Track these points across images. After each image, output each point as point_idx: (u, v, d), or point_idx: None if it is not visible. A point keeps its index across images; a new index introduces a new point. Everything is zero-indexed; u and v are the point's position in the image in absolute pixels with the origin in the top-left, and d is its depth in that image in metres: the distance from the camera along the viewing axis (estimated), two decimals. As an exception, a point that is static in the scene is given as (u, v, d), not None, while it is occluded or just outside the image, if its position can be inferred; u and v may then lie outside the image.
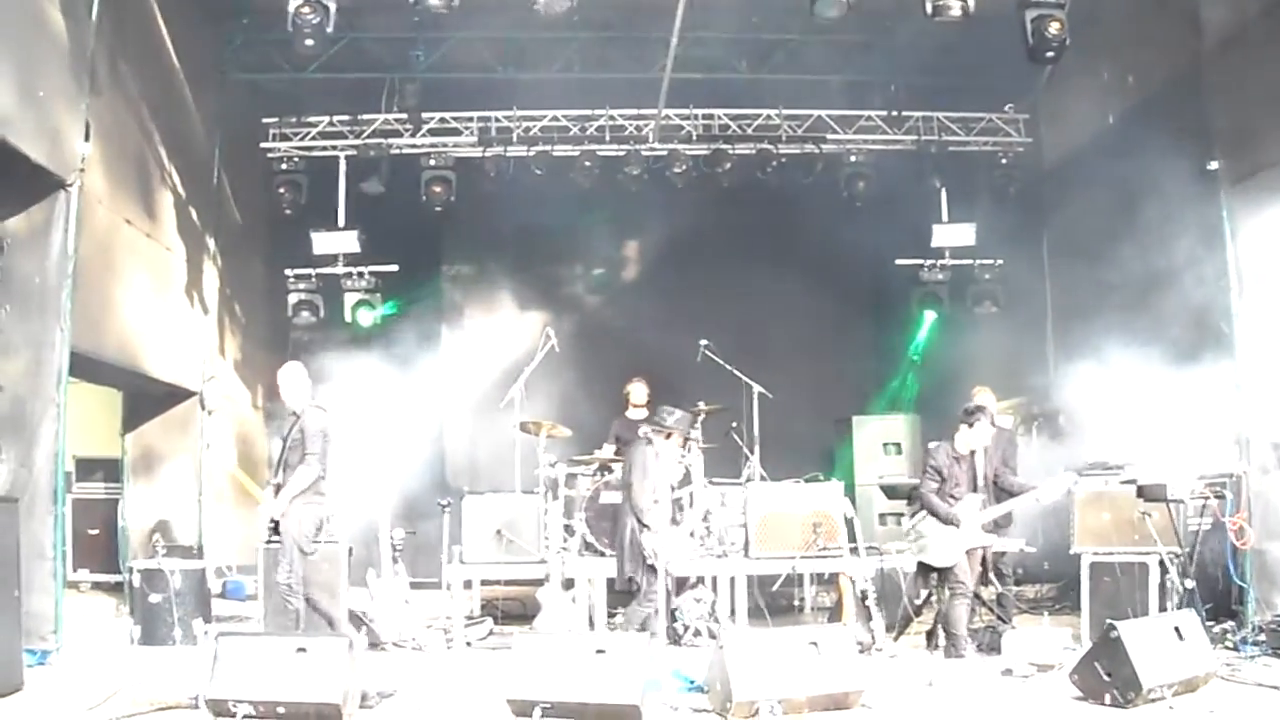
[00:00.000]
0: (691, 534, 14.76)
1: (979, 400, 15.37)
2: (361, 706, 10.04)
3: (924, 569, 13.15)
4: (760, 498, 14.55)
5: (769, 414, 16.21)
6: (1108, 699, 9.88)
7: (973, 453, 13.02)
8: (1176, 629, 10.36)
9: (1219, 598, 12.83)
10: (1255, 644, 12.04)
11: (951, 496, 12.76)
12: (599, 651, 9.77)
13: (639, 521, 13.11)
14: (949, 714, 10.17)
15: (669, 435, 13.50)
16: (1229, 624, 12.57)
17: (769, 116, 20.36)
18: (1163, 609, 12.40)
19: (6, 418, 11.93)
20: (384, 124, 19.97)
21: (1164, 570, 12.64)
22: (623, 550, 13.22)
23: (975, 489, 13.02)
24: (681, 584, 14.31)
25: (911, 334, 21.56)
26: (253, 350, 19.45)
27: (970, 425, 12.84)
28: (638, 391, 16.89)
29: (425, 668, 12.50)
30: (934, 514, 12.72)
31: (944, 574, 12.73)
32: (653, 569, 12.99)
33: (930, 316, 21.01)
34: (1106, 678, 9.94)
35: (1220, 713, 9.69)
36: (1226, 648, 12.16)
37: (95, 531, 17.32)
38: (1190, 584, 12.11)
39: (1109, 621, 10.25)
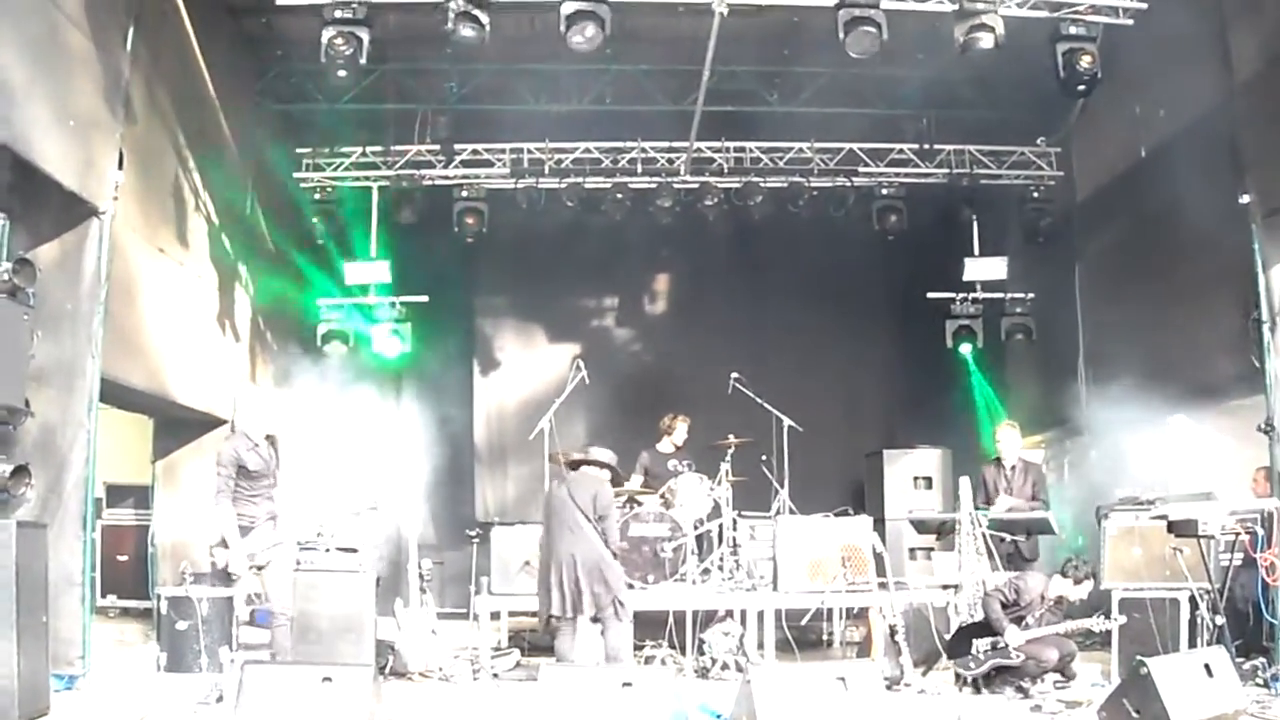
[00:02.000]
0: (721, 568, 14.75)
1: (1003, 436, 15.42)
2: (387, 736, 10.04)
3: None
4: (789, 531, 14.51)
5: (799, 447, 16.20)
6: (1137, 736, 9.83)
7: (1060, 599, 12.81)
8: (1206, 666, 10.31)
9: (1250, 634, 12.77)
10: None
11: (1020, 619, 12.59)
12: (625, 684, 9.75)
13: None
14: (977, 750, 10.14)
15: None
16: (1259, 660, 12.50)
17: (800, 149, 20.32)
18: (1193, 645, 12.34)
19: (37, 444, 11.94)
20: (417, 155, 19.98)
21: (1194, 606, 12.58)
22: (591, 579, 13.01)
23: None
24: (710, 617, 14.29)
25: (965, 376, 21.42)
26: (284, 379, 19.47)
27: (1077, 581, 12.59)
28: (681, 430, 16.83)
29: (452, 698, 12.49)
30: (991, 620, 12.56)
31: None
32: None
33: (965, 350, 20.91)
34: (1136, 715, 9.88)
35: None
36: (1257, 684, 12.09)
37: (124, 558, 17.37)
38: (1221, 620, 12.04)
39: (1138, 658, 10.20)
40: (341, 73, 14.63)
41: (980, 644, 12.31)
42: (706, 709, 11.08)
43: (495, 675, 13.89)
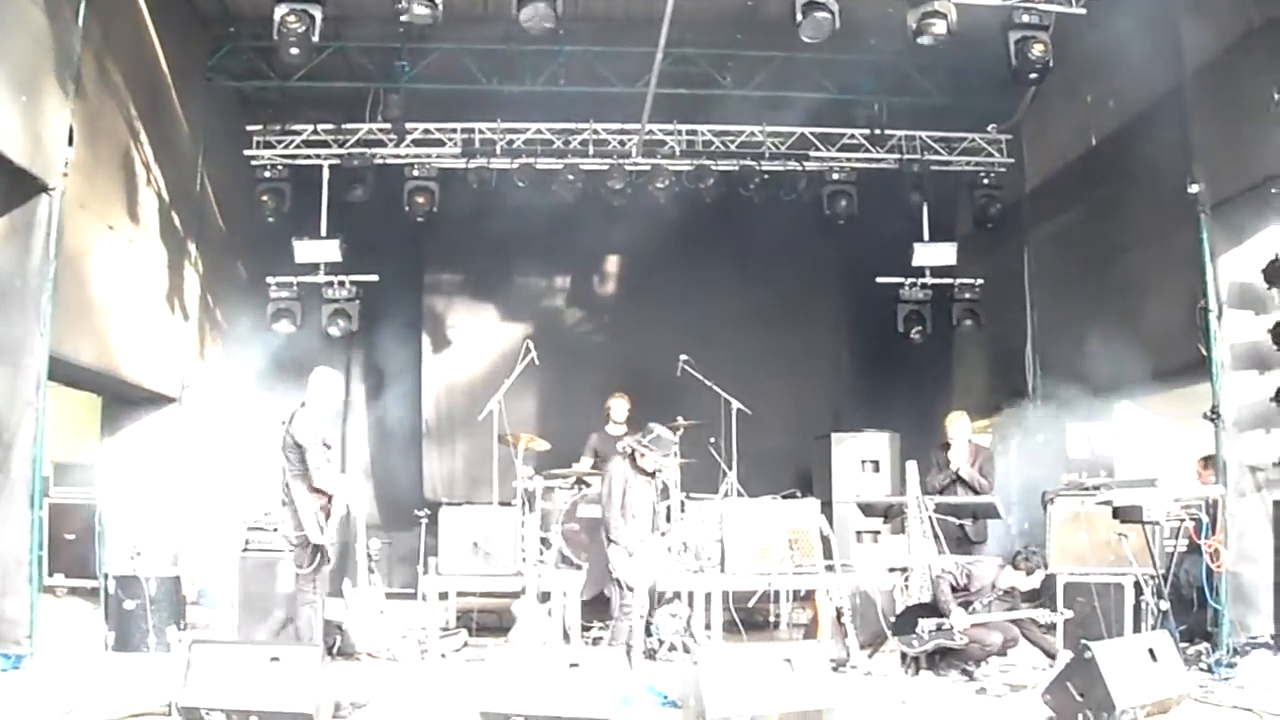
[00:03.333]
0: (684, 547, 14.77)
1: (953, 424, 15.52)
2: (334, 716, 10.03)
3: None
4: (737, 514, 14.54)
5: (747, 430, 16.20)
6: (1080, 719, 9.90)
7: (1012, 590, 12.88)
8: (1150, 650, 10.39)
9: (1194, 620, 12.87)
10: (1229, 666, 12.07)
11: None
12: (573, 665, 9.78)
13: (606, 535, 13.14)
14: (922, 732, 10.20)
15: (645, 454, 13.46)
16: (1203, 646, 12.60)
17: (752, 133, 20.36)
18: (1137, 630, 12.45)
19: (-17, 421, 11.91)
20: (368, 133, 19.92)
21: (1139, 592, 12.67)
22: (594, 564, 13.26)
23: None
24: (657, 599, 14.32)
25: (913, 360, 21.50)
26: (232, 357, 19.40)
27: (1029, 572, 12.62)
28: (618, 407, 16.93)
29: (399, 678, 12.49)
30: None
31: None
32: (618, 583, 13.01)
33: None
34: (1080, 698, 9.95)
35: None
36: (1201, 669, 12.19)
37: (72, 536, 17.27)
38: (1165, 605, 12.13)
39: (1083, 642, 10.27)
40: (294, 50, 14.55)
41: (926, 624, 12.37)
42: (654, 690, 11.13)
43: (443, 655, 13.89)
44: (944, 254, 20.62)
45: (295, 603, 12.09)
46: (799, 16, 14.15)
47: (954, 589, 12.51)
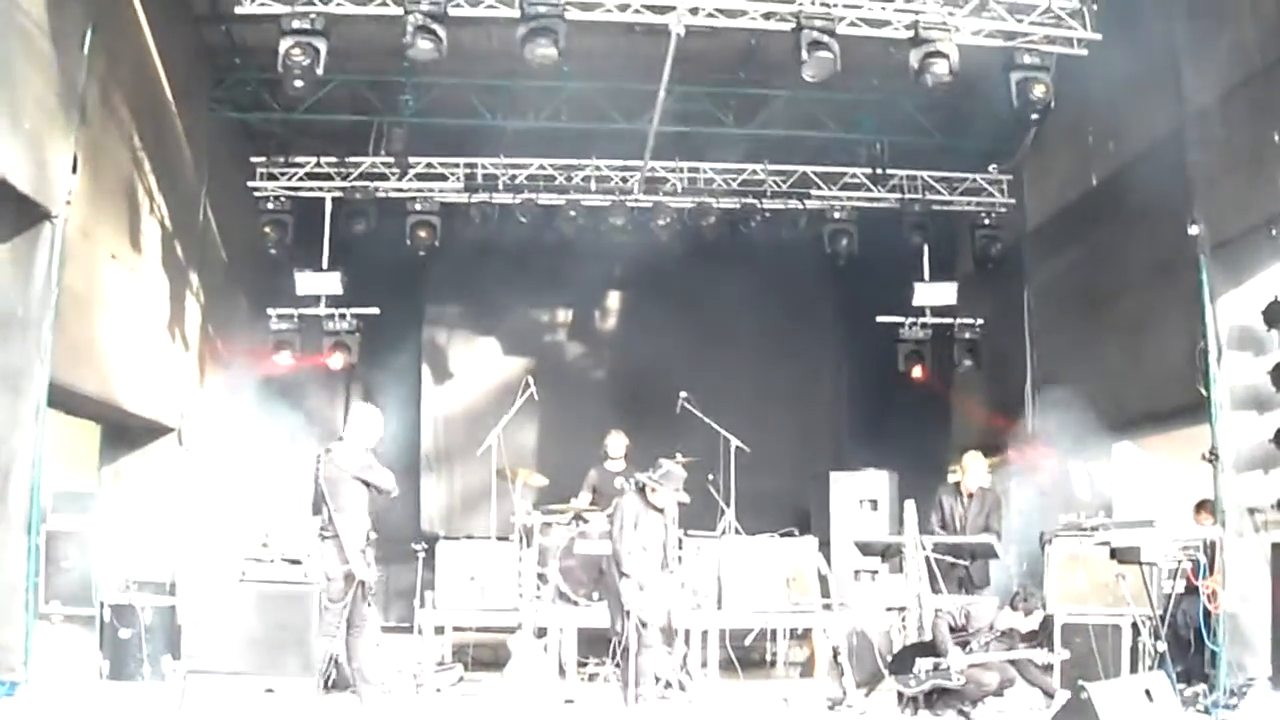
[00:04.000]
0: (681, 585, 14.77)
1: (969, 464, 15.51)
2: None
3: None
4: (735, 551, 14.52)
5: (746, 468, 16.16)
6: (1076, 760, 9.88)
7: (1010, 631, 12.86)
8: (1147, 691, 10.37)
9: (1191, 661, 12.84)
10: (1227, 708, 12.04)
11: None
12: (568, 701, 9.79)
13: (618, 570, 13.10)
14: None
15: (656, 489, 13.46)
16: (1201, 687, 12.56)
17: (754, 171, 20.41)
18: (1135, 671, 12.43)
19: (-18, 448, 11.90)
20: (371, 167, 19.97)
21: (1136, 633, 12.67)
22: (609, 600, 13.23)
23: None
24: (673, 634, 14.28)
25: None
26: (232, 387, 19.38)
27: (1027, 613, 12.58)
28: (616, 443, 16.92)
29: (394, 712, 12.46)
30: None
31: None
32: (628, 615, 12.97)
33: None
34: (1075, 739, 9.94)
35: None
36: (1198, 711, 12.16)
37: (69, 564, 17.23)
38: (1163, 647, 12.12)
39: (1079, 682, 10.25)
40: (298, 83, 14.57)
41: (923, 664, 12.34)
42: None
43: (438, 690, 13.85)
44: (944, 293, 20.67)
45: (349, 641, 12.27)
46: (804, 55, 14.18)
47: (952, 629, 12.47)
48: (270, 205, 19.69)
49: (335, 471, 12.11)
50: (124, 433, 16.91)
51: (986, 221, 20.47)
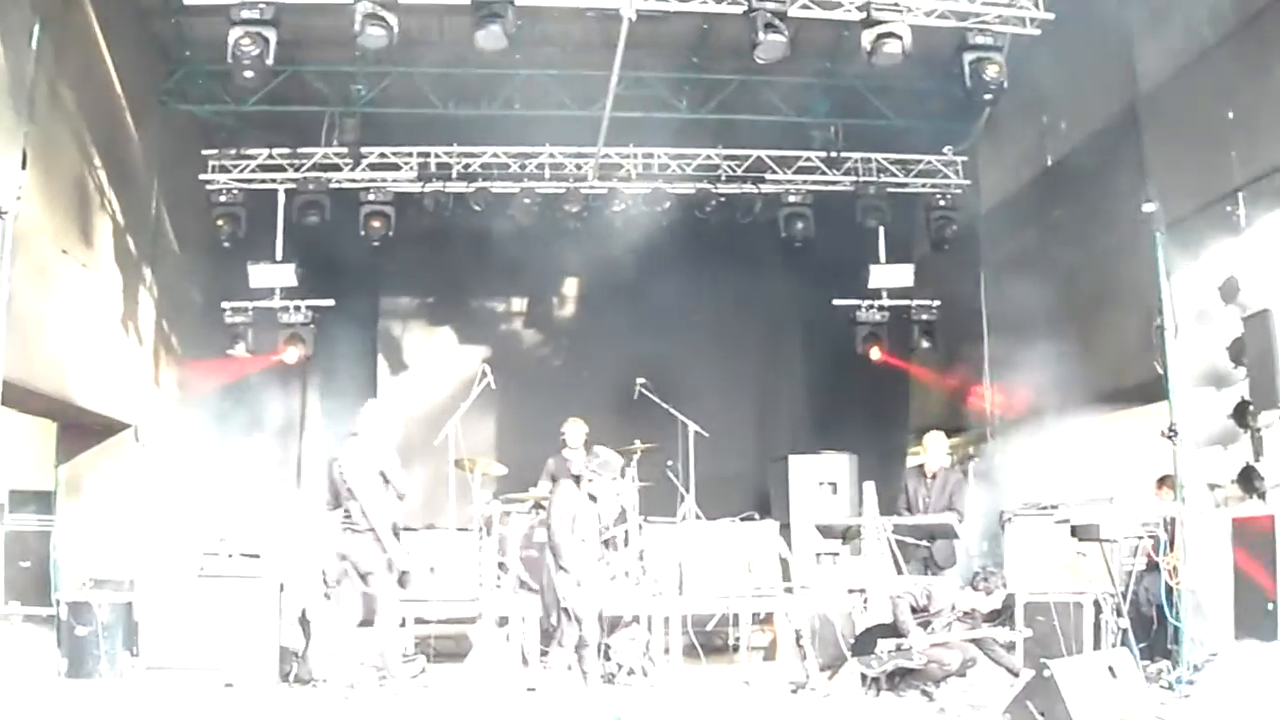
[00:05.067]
0: (627, 574, 14.73)
1: (929, 443, 15.50)
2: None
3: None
4: (695, 537, 14.50)
5: (705, 453, 16.14)
6: (1041, 738, 9.89)
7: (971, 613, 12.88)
8: (1110, 668, 10.40)
9: (1154, 638, 12.87)
10: (1189, 683, 12.06)
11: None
12: (530, 690, 9.75)
13: (556, 563, 13.03)
14: (882, 753, 10.18)
15: (594, 478, 13.42)
16: (1164, 664, 12.59)
17: (708, 156, 20.39)
18: (1098, 649, 12.44)
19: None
20: (323, 158, 19.84)
21: (1098, 610, 12.69)
22: (544, 590, 13.14)
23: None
24: (615, 623, 14.25)
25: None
26: (187, 382, 19.28)
27: (989, 593, 12.64)
28: (574, 431, 16.85)
29: (357, 706, 12.40)
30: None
31: None
32: (568, 613, 12.92)
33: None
34: (1040, 716, 9.95)
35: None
36: (1161, 687, 12.18)
37: (27, 564, 17.13)
38: (1125, 623, 12.15)
39: (1042, 660, 10.27)
40: (248, 74, 14.51)
41: (885, 644, 12.34)
42: (614, 715, 11.07)
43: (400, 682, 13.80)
44: (901, 275, 20.70)
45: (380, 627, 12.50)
46: (757, 38, 14.16)
47: (914, 609, 12.47)
48: (223, 198, 19.54)
49: (357, 467, 12.15)
50: (80, 430, 16.80)
51: (942, 203, 20.47)
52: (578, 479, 13.38)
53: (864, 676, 12.62)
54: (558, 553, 12.91)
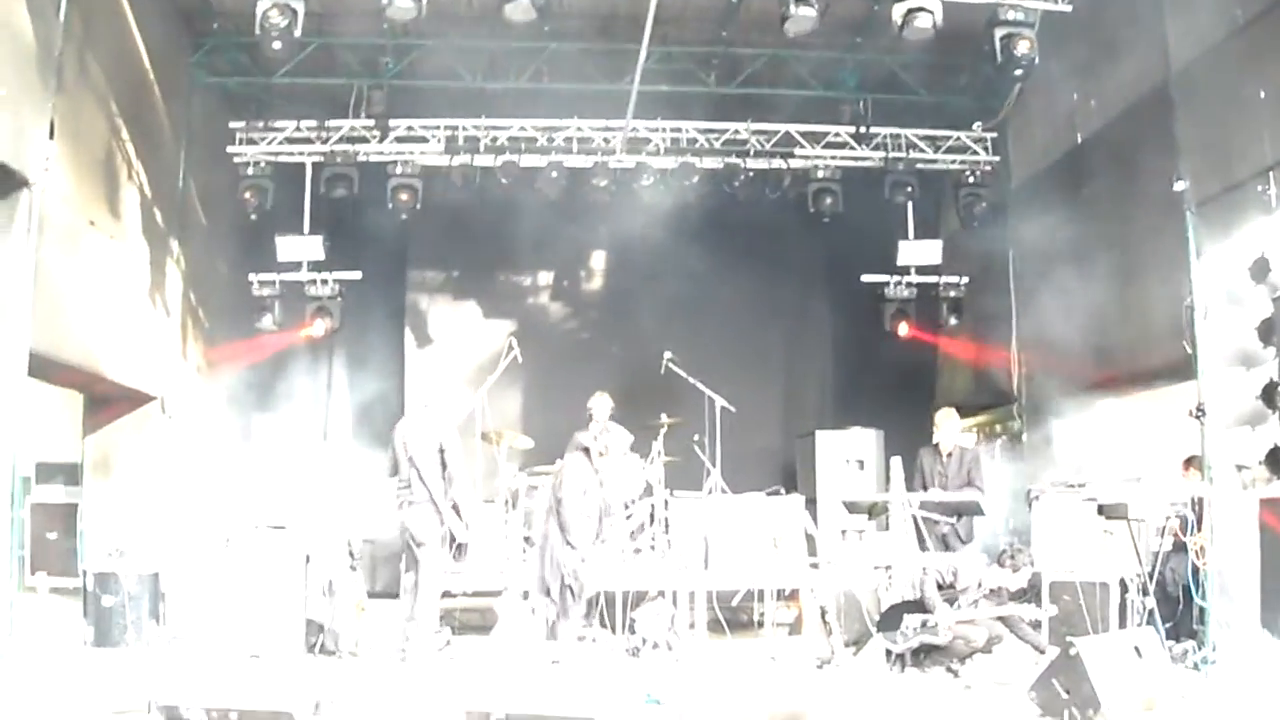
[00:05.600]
0: (653, 547, 14.75)
1: (941, 421, 15.45)
2: (315, 715, 9.97)
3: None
4: (721, 511, 14.48)
5: (732, 427, 16.14)
6: (1066, 716, 9.89)
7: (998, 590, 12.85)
8: (1136, 647, 10.39)
9: (1180, 618, 12.84)
10: (1214, 664, 12.03)
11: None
12: (555, 662, 9.75)
13: (564, 536, 13.02)
14: (907, 730, 10.17)
15: (604, 452, 13.44)
16: (1189, 644, 12.56)
17: (736, 130, 20.30)
18: (1124, 628, 12.41)
19: (-39, 419, 11.84)
20: (351, 130, 19.78)
21: (1124, 590, 12.66)
22: (543, 561, 13.11)
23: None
24: (641, 597, 14.26)
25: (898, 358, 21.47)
26: (215, 355, 19.31)
27: (1015, 569, 12.63)
28: (600, 405, 16.80)
29: (381, 677, 12.42)
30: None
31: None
32: (570, 590, 12.94)
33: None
34: (1065, 695, 9.94)
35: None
36: (1187, 668, 12.16)
37: (54, 535, 17.20)
38: (1151, 603, 12.12)
39: (1068, 639, 10.25)
40: (276, 45, 14.52)
41: (910, 620, 12.32)
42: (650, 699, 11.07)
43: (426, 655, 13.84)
44: (929, 252, 20.61)
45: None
46: (790, 10, 14.13)
47: (940, 586, 12.47)
48: (250, 170, 19.48)
49: (420, 438, 12.36)
50: (106, 402, 16.82)
51: (971, 179, 20.37)
52: (588, 451, 13.40)
53: (889, 652, 12.60)
54: (565, 528, 12.94)
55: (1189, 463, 14.33)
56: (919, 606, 12.45)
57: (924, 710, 10.96)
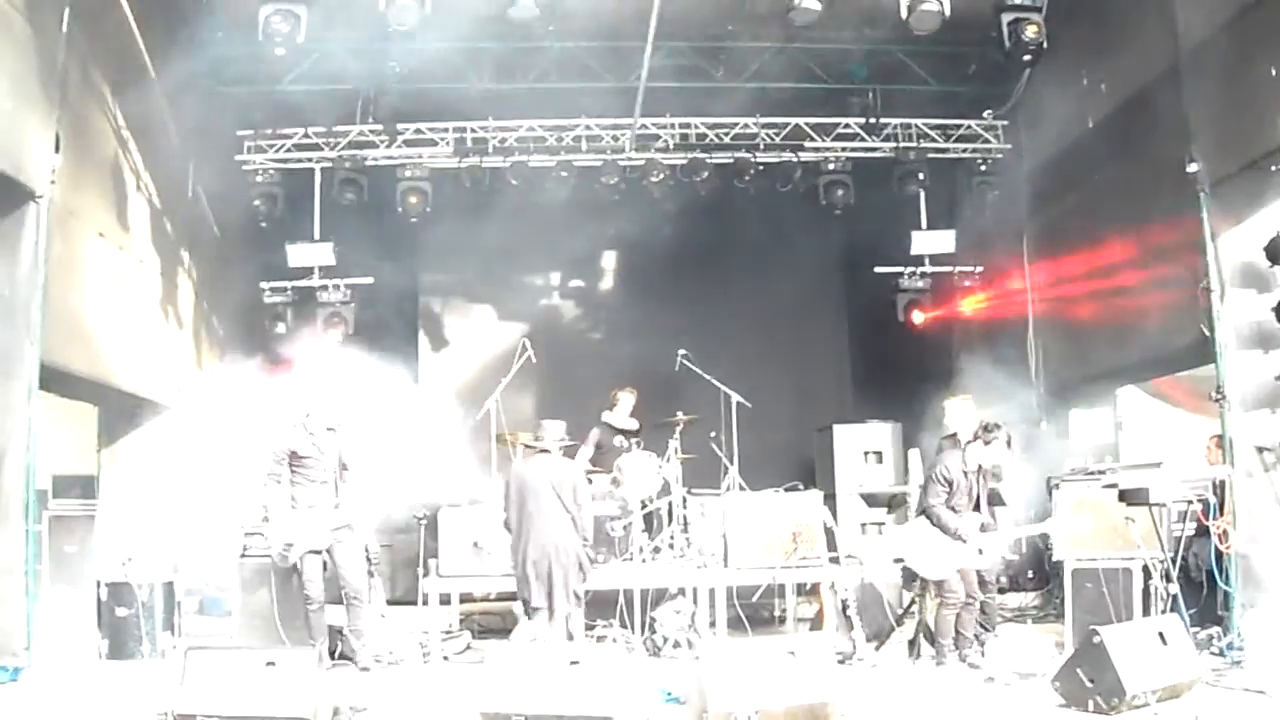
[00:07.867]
0: (672, 545, 14.73)
1: (955, 408, 15.29)
2: (333, 720, 9.95)
3: (910, 575, 13.08)
4: (739, 508, 14.42)
5: (748, 423, 16.11)
6: (1091, 705, 9.84)
7: (980, 468, 12.86)
8: (1160, 634, 10.31)
9: (1204, 604, 12.76)
10: (1240, 649, 11.94)
11: (953, 509, 12.63)
12: (573, 663, 9.68)
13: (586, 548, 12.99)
14: (930, 723, 10.11)
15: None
16: (1214, 629, 12.50)
17: (746, 125, 20.23)
18: (1147, 615, 12.33)
19: (-27, 433, 11.82)
20: (359, 135, 19.80)
21: (1147, 576, 12.57)
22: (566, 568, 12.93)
23: (976, 508, 12.87)
24: (660, 595, 14.21)
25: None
26: (229, 364, 19.28)
27: (987, 443, 12.68)
28: (626, 401, 16.72)
29: (400, 682, 12.39)
30: (941, 526, 12.55)
31: (936, 583, 12.63)
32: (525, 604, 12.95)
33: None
34: (1089, 684, 9.88)
35: (1205, 718, 9.61)
36: (1212, 653, 12.09)
37: (73, 548, 17.18)
38: (1174, 589, 12.04)
39: (1091, 627, 10.18)
40: (279, 51, 14.54)
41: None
42: (658, 688, 11.03)
43: (445, 658, 13.81)
44: (943, 241, 20.54)
45: None
46: (792, 1, 14.09)
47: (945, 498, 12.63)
48: (259, 178, 19.52)
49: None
50: (121, 414, 16.82)
51: (983, 168, 20.31)
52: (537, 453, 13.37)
53: (910, 646, 12.57)
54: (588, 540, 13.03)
55: (1220, 440, 14.22)
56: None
57: (946, 703, 10.89)
